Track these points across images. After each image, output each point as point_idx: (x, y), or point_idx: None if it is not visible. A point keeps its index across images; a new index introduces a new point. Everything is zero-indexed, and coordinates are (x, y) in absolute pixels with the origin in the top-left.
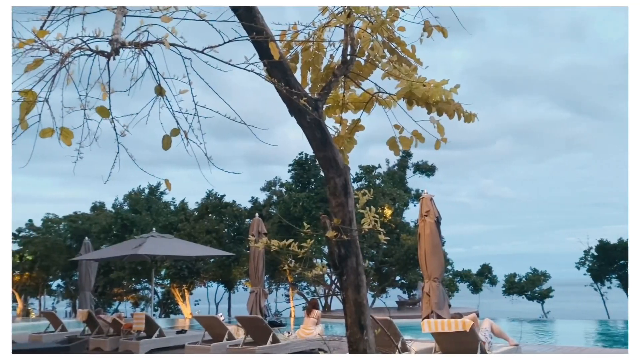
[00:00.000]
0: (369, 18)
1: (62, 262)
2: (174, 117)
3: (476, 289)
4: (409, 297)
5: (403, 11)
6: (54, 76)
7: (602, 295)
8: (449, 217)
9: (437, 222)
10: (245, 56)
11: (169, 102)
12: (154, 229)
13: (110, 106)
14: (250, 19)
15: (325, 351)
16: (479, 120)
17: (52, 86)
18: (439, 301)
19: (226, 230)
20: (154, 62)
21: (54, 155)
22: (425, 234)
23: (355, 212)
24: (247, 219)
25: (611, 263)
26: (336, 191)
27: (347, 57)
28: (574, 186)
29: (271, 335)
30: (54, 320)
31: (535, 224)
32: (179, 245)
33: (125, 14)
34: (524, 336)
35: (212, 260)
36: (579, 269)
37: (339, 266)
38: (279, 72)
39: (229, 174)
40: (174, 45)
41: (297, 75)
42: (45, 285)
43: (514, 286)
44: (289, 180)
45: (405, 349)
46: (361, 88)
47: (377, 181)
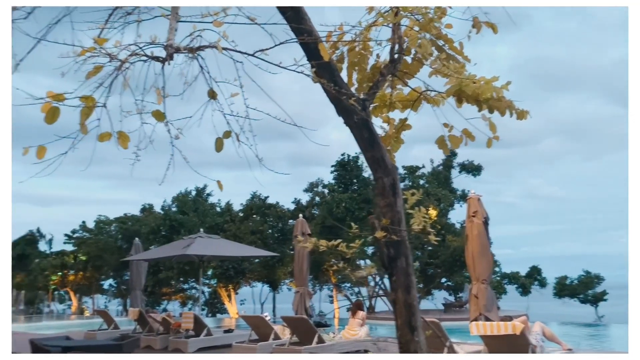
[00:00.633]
0: (416, 16)
1: (113, 262)
2: (225, 119)
3: (525, 291)
4: (455, 299)
5: (450, 8)
6: (111, 82)
7: None
8: (496, 217)
9: (485, 222)
10: (295, 58)
11: (220, 105)
12: (201, 229)
13: (165, 110)
14: (298, 21)
15: (370, 352)
16: (531, 117)
17: (109, 92)
18: (488, 303)
19: (270, 231)
20: (207, 66)
21: (105, 159)
22: (473, 235)
23: (404, 212)
24: (291, 220)
25: None
26: (384, 191)
27: (395, 56)
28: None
29: (317, 335)
30: (107, 318)
31: (586, 224)
32: (225, 246)
33: (178, 20)
34: (577, 340)
35: (256, 260)
36: None
37: (388, 267)
38: (326, 72)
39: (273, 176)
40: (226, 49)
41: (343, 76)
42: (97, 285)
43: (565, 289)
44: (332, 182)
45: (453, 351)
46: (408, 86)
47: (422, 181)
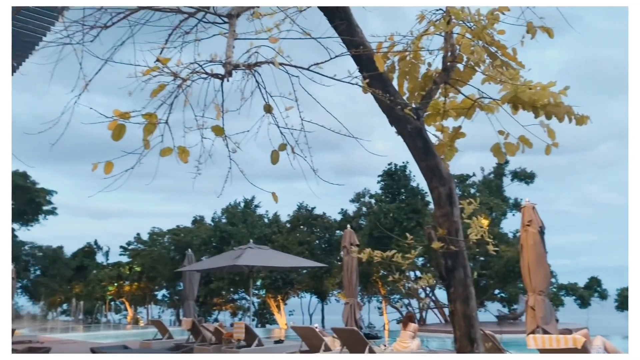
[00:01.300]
0: (468, 24)
1: (166, 273)
2: (280, 132)
3: (584, 303)
4: (509, 311)
5: (503, 14)
6: (173, 100)
7: None
8: (551, 226)
9: (541, 232)
10: (349, 70)
11: (275, 119)
12: (250, 240)
13: (223, 124)
14: (350, 34)
15: None
16: (592, 122)
17: (171, 109)
18: (545, 316)
19: (317, 241)
20: (263, 81)
21: (159, 172)
22: (528, 244)
23: (461, 222)
24: (338, 231)
25: None
26: (440, 201)
27: (448, 64)
28: None
29: (367, 347)
30: (161, 328)
31: None
32: (274, 256)
33: (235, 38)
34: None
35: (304, 271)
36: None
37: (446, 278)
38: (379, 83)
39: (319, 186)
40: (282, 64)
41: (394, 85)
42: (151, 295)
43: (628, 301)
44: (379, 192)
45: None
46: (462, 94)
47: (472, 190)
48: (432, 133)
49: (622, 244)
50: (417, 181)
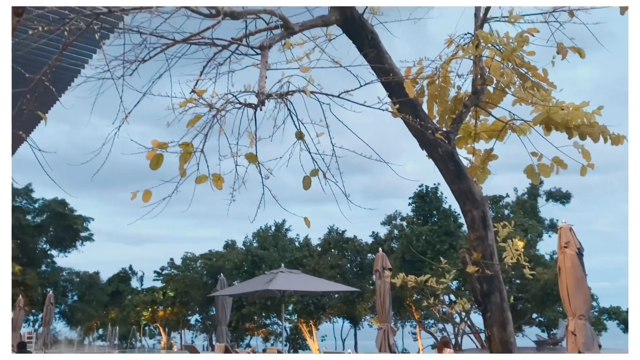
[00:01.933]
0: (497, 46)
1: (199, 298)
2: (312, 158)
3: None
4: (548, 336)
5: (533, 35)
6: (209, 129)
7: None
8: (589, 248)
9: (579, 253)
10: (379, 97)
11: (306, 145)
12: (282, 264)
13: (256, 152)
14: (379, 61)
15: None
16: (628, 141)
17: (207, 138)
18: (587, 341)
19: (349, 265)
20: (294, 109)
21: (192, 198)
22: (566, 267)
23: (496, 245)
24: (369, 254)
25: None
26: (474, 224)
27: (478, 87)
28: None
29: None
30: (195, 353)
31: None
32: (306, 281)
33: (268, 68)
34: None
35: (336, 295)
36: None
37: (482, 303)
38: (408, 108)
39: (351, 210)
40: (313, 92)
41: (423, 108)
42: (185, 320)
43: None
44: (410, 214)
45: None
46: (493, 116)
47: (506, 211)
48: (464, 156)
49: None
50: (449, 203)
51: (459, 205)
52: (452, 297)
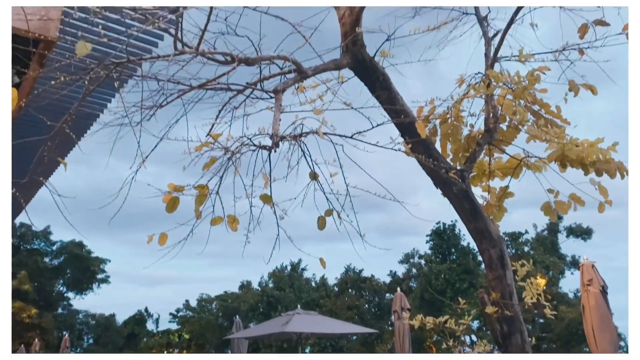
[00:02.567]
0: (509, 85)
1: (214, 340)
2: (326, 198)
3: None
4: None
5: (544, 73)
6: (224, 171)
7: None
8: (614, 285)
9: (603, 291)
10: (391, 137)
11: (320, 185)
12: (298, 305)
13: (271, 193)
14: (391, 102)
15: None
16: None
17: (222, 180)
18: None
19: (367, 305)
20: (308, 150)
21: (206, 238)
22: (590, 305)
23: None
24: (387, 294)
25: None
26: (492, 264)
27: (490, 125)
28: None
29: None
30: None
31: None
32: (323, 322)
33: (282, 111)
34: None
35: (354, 337)
36: None
37: (502, 344)
38: (421, 147)
39: (366, 248)
40: (326, 134)
41: (437, 147)
42: None
43: None
44: (428, 252)
45: None
46: (507, 154)
47: (526, 248)
48: (479, 194)
49: None
50: (468, 240)
51: (476, 244)
52: (474, 337)
